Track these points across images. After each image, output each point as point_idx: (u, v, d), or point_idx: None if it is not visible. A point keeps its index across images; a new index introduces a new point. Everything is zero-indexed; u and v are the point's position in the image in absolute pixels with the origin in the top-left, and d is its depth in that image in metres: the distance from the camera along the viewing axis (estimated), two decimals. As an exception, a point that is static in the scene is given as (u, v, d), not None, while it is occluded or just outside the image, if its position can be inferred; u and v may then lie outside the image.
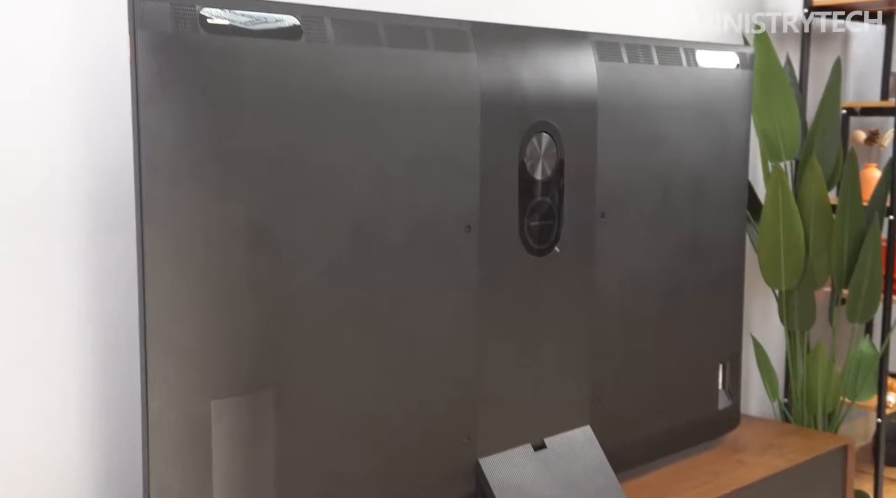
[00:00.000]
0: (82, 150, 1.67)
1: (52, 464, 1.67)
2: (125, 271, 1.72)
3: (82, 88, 1.66)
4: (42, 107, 1.62)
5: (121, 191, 1.69)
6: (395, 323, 1.65)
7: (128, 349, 1.73)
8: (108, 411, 1.73)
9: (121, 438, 1.75)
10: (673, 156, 2.14)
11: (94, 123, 1.68)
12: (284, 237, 1.48)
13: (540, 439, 1.93)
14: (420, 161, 1.65)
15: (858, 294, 2.70)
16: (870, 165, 3.05)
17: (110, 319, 1.72)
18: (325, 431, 1.56)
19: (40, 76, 1.61)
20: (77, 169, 1.66)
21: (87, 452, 1.71)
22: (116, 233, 1.71)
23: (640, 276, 2.11)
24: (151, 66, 1.36)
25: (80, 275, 1.68)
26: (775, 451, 2.40)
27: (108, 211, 1.70)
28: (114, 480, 1.74)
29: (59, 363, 1.67)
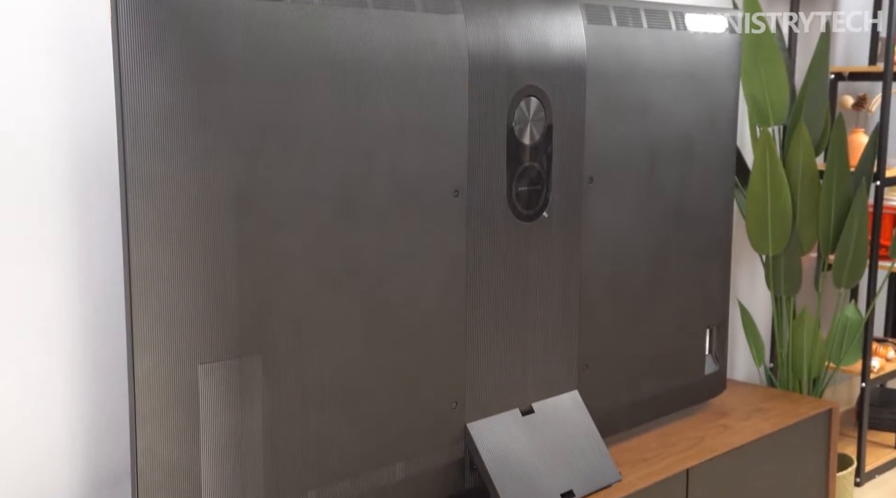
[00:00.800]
0: (64, 111, 1.64)
1: (40, 428, 1.67)
2: (110, 235, 1.70)
3: (63, 50, 1.63)
4: (23, 69, 1.59)
5: (104, 153, 1.67)
6: (383, 288, 1.64)
7: (115, 312, 1.72)
8: (95, 373, 1.72)
9: (108, 400, 1.74)
10: (661, 121, 2.13)
11: (76, 84, 1.65)
12: (269, 201, 1.47)
13: (528, 404, 1.93)
14: (407, 125, 1.64)
15: (845, 259, 2.71)
16: (857, 131, 3.05)
17: (96, 283, 1.71)
18: (312, 395, 1.56)
19: (20, 37, 1.58)
20: (59, 129, 1.64)
21: (75, 414, 1.71)
22: (101, 196, 1.69)
23: (628, 241, 2.11)
24: (133, 28, 1.33)
25: (65, 238, 1.66)
26: (760, 415, 2.42)
27: (92, 173, 1.68)
28: (102, 442, 1.74)
29: (45, 326, 1.66)
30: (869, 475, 2.90)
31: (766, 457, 2.31)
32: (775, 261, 2.72)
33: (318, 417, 1.57)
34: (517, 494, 1.80)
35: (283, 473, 1.53)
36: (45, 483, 1.67)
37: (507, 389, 1.89)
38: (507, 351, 1.87)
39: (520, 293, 1.88)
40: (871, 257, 2.80)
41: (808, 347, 2.73)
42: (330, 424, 1.59)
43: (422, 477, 1.75)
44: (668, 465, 2.07)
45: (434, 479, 1.77)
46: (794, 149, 2.63)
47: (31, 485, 1.66)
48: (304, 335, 1.54)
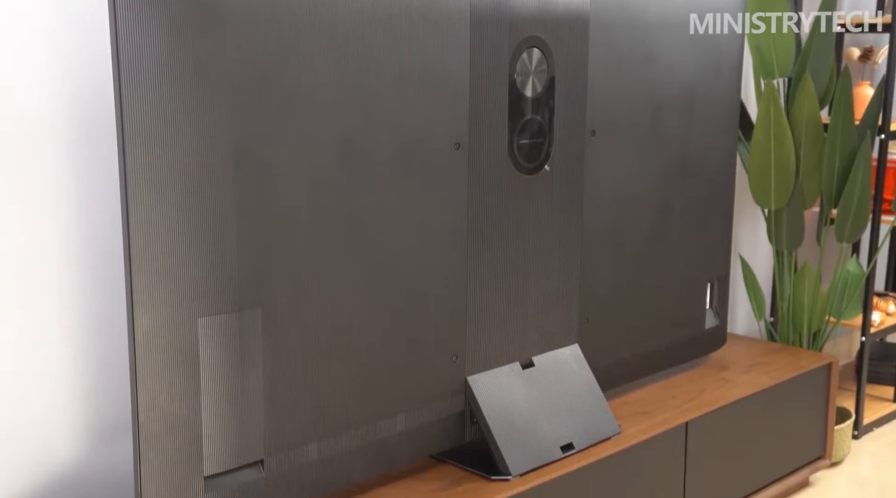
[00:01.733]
0: (62, 62, 1.62)
1: (40, 381, 1.67)
2: (110, 188, 1.69)
3: (56, 4, 1.60)
4: (18, 22, 1.56)
5: (102, 106, 1.65)
6: (384, 241, 1.63)
7: (115, 264, 1.71)
8: (95, 326, 1.72)
9: (107, 352, 1.74)
10: (665, 73, 2.11)
11: (73, 37, 1.62)
12: (269, 153, 1.45)
13: (528, 358, 1.93)
14: (408, 77, 1.61)
15: (847, 213, 2.69)
16: (863, 83, 3.02)
17: (95, 235, 1.70)
18: (313, 348, 1.56)
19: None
20: (57, 80, 1.62)
21: (75, 367, 1.71)
22: (100, 149, 1.67)
23: (630, 195, 2.10)
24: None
25: (63, 192, 1.65)
26: (760, 369, 2.43)
27: (90, 126, 1.66)
28: (102, 395, 1.75)
29: (44, 279, 1.65)
30: (867, 428, 2.92)
31: (765, 410, 2.32)
32: (777, 215, 2.71)
33: (319, 369, 1.57)
34: (517, 447, 1.81)
35: (283, 425, 1.54)
36: (45, 436, 1.68)
37: (508, 342, 1.89)
38: (507, 305, 1.87)
39: (521, 247, 1.87)
40: (873, 211, 2.79)
41: (809, 301, 2.72)
42: (330, 377, 1.59)
43: (422, 430, 1.76)
44: (667, 418, 2.09)
45: (434, 432, 1.78)
46: (798, 101, 2.60)
47: (32, 438, 1.67)
48: (303, 288, 1.53)
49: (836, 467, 2.70)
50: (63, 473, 1.71)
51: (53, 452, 1.70)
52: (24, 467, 1.66)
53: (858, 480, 2.63)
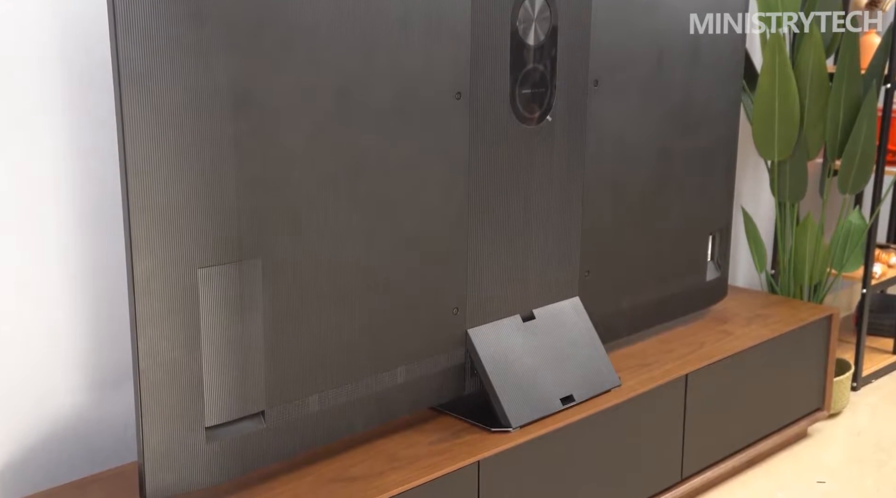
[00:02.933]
0: (56, 6, 1.58)
1: (39, 330, 1.66)
2: (107, 135, 1.66)
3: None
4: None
5: (98, 50, 1.61)
6: (383, 192, 1.61)
7: (114, 212, 1.70)
8: (94, 275, 1.71)
9: (107, 301, 1.73)
10: (669, 21, 2.07)
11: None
12: (268, 104, 1.43)
13: (528, 310, 1.93)
14: (407, 24, 1.58)
15: (851, 164, 2.67)
16: (870, 32, 2.97)
17: (93, 184, 1.68)
18: (313, 300, 1.55)
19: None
20: (51, 25, 1.58)
21: (74, 316, 1.70)
22: (98, 96, 1.64)
23: (633, 146, 2.07)
24: (119, -82, 1.27)
25: (60, 138, 1.63)
26: (761, 321, 2.42)
27: (86, 72, 1.63)
28: (102, 343, 1.74)
29: (42, 228, 1.64)
30: (866, 380, 2.93)
31: (764, 363, 2.32)
32: (780, 167, 2.68)
33: (319, 321, 1.57)
34: (517, 399, 1.81)
35: (284, 376, 1.53)
36: (47, 386, 1.68)
37: (508, 295, 1.88)
38: (508, 257, 1.86)
39: (522, 199, 1.85)
40: (877, 162, 2.76)
41: (811, 253, 2.71)
42: (331, 329, 1.59)
43: (422, 382, 1.76)
44: (667, 370, 2.09)
45: (434, 384, 1.78)
46: (804, 50, 2.56)
47: (34, 388, 1.67)
48: (303, 239, 1.52)
49: (835, 419, 2.71)
50: (65, 424, 1.71)
51: (55, 402, 1.70)
52: (26, 418, 1.66)
53: (856, 432, 2.65)
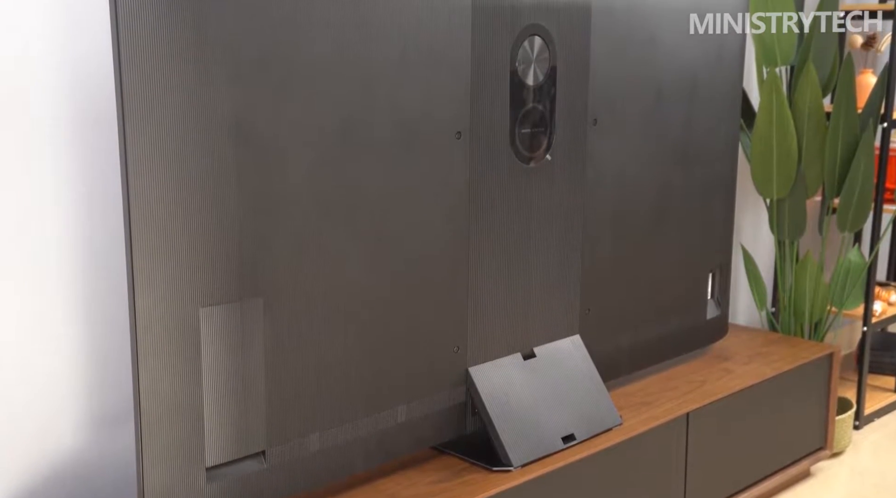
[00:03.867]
0: (63, 41, 1.60)
1: (41, 366, 1.66)
2: (111, 172, 1.67)
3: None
4: (13, 2, 1.55)
5: (103, 87, 1.63)
6: (385, 230, 1.62)
7: (117, 250, 1.70)
8: (97, 312, 1.71)
9: (109, 338, 1.73)
10: (667, 61, 2.09)
11: (73, 13, 1.61)
12: (270, 141, 1.44)
13: (529, 348, 1.92)
14: (409, 63, 1.60)
15: (849, 203, 2.68)
16: (866, 71, 3.00)
17: (96, 221, 1.69)
18: (314, 339, 1.55)
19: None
20: (58, 59, 1.60)
21: (77, 352, 1.70)
22: (101, 131, 1.65)
23: (632, 184, 2.08)
24: (125, -39, 1.29)
25: (64, 174, 1.64)
26: (761, 359, 2.42)
27: (90, 107, 1.65)
28: (103, 380, 1.74)
29: (46, 263, 1.64)
30: (868, 418, 2.92)
31: (766, 401, 2.32)
32: (780, 204, 2.70)
33: (320, 359, 1.56)
34: (518, 438, 1.80)
35: (285, 416, 1.53)
36: (48, 424, 1.67)
37: (509, 332, 1.88)
38: (509, 295, 1.86)
39: (522, 237, 1.86)
40: (875, 201, 2.77)
41: (811, 291, 2.71)
42: (331, 367, 1.58)
43: (423, 420, 1.75)
44: (668, 409, 2.08)
45: (435, 422, 1.77)
46: (801, 89, 2.59)
47: (33, 423, 1.66)
48: (305, 278, 1.52)
49: (838, 458, 2.70)
50: (65, 462, 1.70)
51: (56, 441, 1.69)
52: (26, 456, 1.66)
53: (859, 471, 2.63)
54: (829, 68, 2.71)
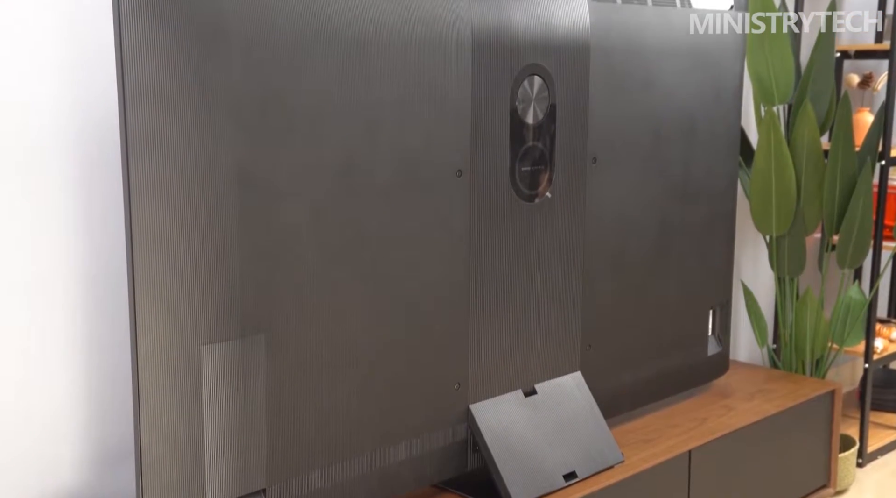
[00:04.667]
0: (68, 84, 1.62)
1: (42, 404, 1.66)
2: (114, 212, 1.69)
3: (65, 23, 1.61)
4: (24, 42, 1.57)
5: (107, 129, 1.65)
6: (386, 268, 1.63)
7: (118, 289, 1.71)
8: (98, 350, 1.71)
9: (110, 377, 1.73)
10: (666, 99, 2.11)
11: (78, 59, 1.63)
12: (272, 180, 1.45)
13: (530, 385, 1.92)
14: (410, 103, 1.62)
15: (849, 240, 2.69)
16: (863, 110, 3.03)
17: (99, 259, 1.70)
18: (315, 376, 1.55)
19: (21, 10, 1.56)
20: (63, 103, 1.62)
21: (78, 390, 1.70)
22: (105, 172, 1.67)
23: (632, 222, 2.09)
24: (134, 4, 1.31)
25: (67, 214, 1.65)
26: (763, 396, 2.41)
27: (95, 150, 1.67)
28: (104, 419, 1.74)
29: (47, 301, 1.65)
30: (871, 456, 2.90)
31: (768, 438, 2.31)
32: (779, 241, 2.71)
33: (320, 396, 1.57)
34: (520, 476, 1.80)
35: (286, 453, 1.53)
36: (48, 462, 1.67)
37: (510, 369, 1.88)
38: (509, 332, 1.86)
39: (523, 274, 1.87)
40: (875, 238, 2.79)
41: (812, 327, 2.72)
42: (333, 405, 1.58)
43: (424, 458, 1.74)
44: (670, 446, 2.07)
45: (437, 460, 1.77)
46: (798, 128, 2.61)
47: (34, 460, 1.66)
48: (306, 315, 1.53)
49: (841, 496, 2.68)
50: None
51: (57, 478, 1.68)
52: (28, 493, 1.65)
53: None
54: (826, 107, 2.73)
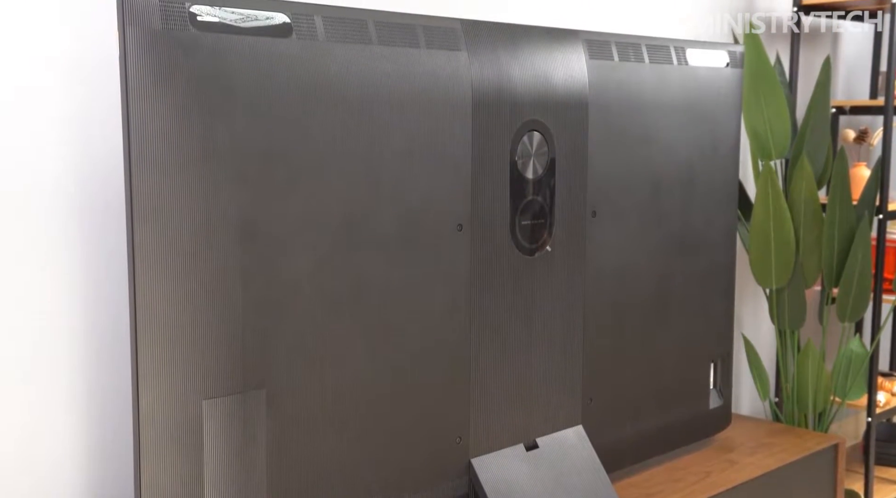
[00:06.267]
0: (73, 140, 1.65)
1: (41, 458, 1.66)
2: (116, 266, 1.71)
3: (71, 85, 1.64)
4: (30, 103, 1.60)
5: (111, 185, 1.67)
6: (387, 322, 1.64)
7: (120, 343, 1.72)
8: (99, 404, 1.71)
9: (110, 430, 1.73)
10: (664, 154, 2.14)
11: (84, 119, 1.66)
12: (275, 236, 1.47)
13: (532, 439, 1.92)
14: (411, 159, 1.64)
15: (848, 293, 2.70)
16: (859, 164, 3.06)
17: (101, 313, 1.71)
18: (316, 430, 1.55)
19: (28, 73, 1.60)
20: (67, 159, 1.65)
21: (78, 444, 1.70)
22: (108, 227, 1.69)
23: (632, 275, 2.11)
24: (140, 63, 1.35)
25: (70, 268, 1.67)
26: (766, 450, 2.40)
27: (99, 207, 1.69)
28: (104, 474, 1.73)
29: (49, 355, 1.65)
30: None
31: (772, 493, 2.29)
32: (779, 294, 2.72)
33: (322, 451, 1.56)
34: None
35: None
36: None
37: (512, 423, 1.88)
38: (511, 385, 1.87)
39: (524, 327, 1.88)
40: (874, 291, 2.80)
41: (814, 380, 2.71)
42: (334, 459, 1.58)
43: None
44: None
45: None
46: (796, 182, 2.64)
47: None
48: (308, 369, 1.53)
49: (847, 552, 2.65)
50: (60, 559, 1.69)
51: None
52: (21, 552, 1.64)
53: (870, 565, 2.58)
54: (822, 161, 2.77)
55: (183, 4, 1.37)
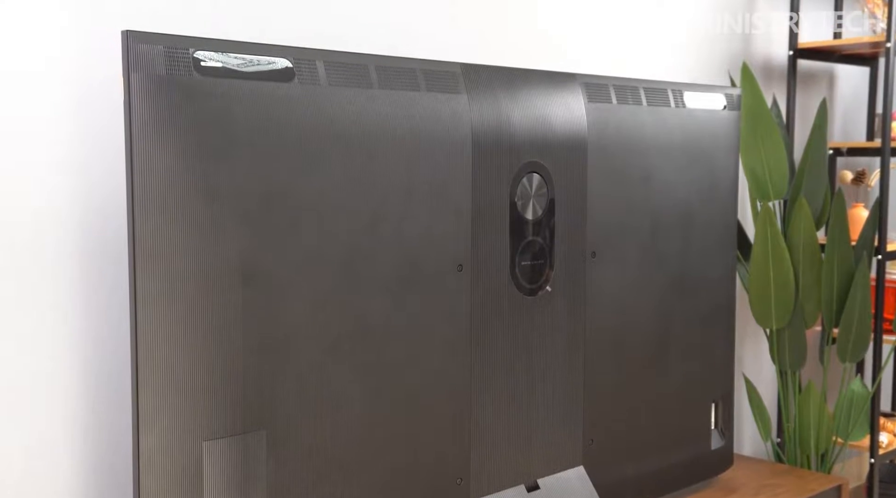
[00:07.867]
0: (75, 184, 1.67)
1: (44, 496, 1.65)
2: (118, 308, 1.71)
3: (75, 128, 1.67)
4: (35, 146, 1.62)
5: (113, 228, 1.69)
6: (387, 362, 1.64)
7: (120, 384, 1.72)
8: (100, 445, 1.71)
9: (111, 472, 1.73)
10: (662, 196, 2.16)
11: (88, 162, 1.68)
12: (276, 277, 1.48)
13: (533, 480, 1.91)
14: (412, 200, 1.66)
15: (849, 333, 2.70)
16: (857, 205, 3.08)
17: (102, 355, 1.71)
18: (316, 471, 1.55)
19: (33, 115, 1.62)
20: (70, 202, 1.66)
21: (78, 486, 1.69)
22: (109, 269, 1.70)
23: (632, 315, 2.11)
24: (145, 107, 1.37)
25: (71, 311, 1.67)
26: (769, 491, 2.39)
27: (101, 249, 1.70)
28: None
29: (49, 397, 1.65)
30: (881, 554, 2.85)
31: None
32: (779, 335, 2.72)
33: (323, 492, 1.56)
34: (522, 574, 1.77)
35: (285, 551, 1.51)
36: (44, 562, 1.65)
37: (513, 464, 1.87)
38: (512, 427, 1.86)
39: (524, 368, 1.88)
40: (875, 331, 2.80)
41: (815, 421, 2.70)
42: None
43: (426, 555, 1.72)
44: (675, 543, 2.04)
45: (438, 557, 1.74)
46: (794, 223, 2.65)
47: (30, 564, 1.64)
48: (308, 410, 1.53)
49: None
50: None
51: (49, 579, 1.66)
52: None
53: None
54: (821, 202, 2.79)
55: (187, 50, 1.40)
